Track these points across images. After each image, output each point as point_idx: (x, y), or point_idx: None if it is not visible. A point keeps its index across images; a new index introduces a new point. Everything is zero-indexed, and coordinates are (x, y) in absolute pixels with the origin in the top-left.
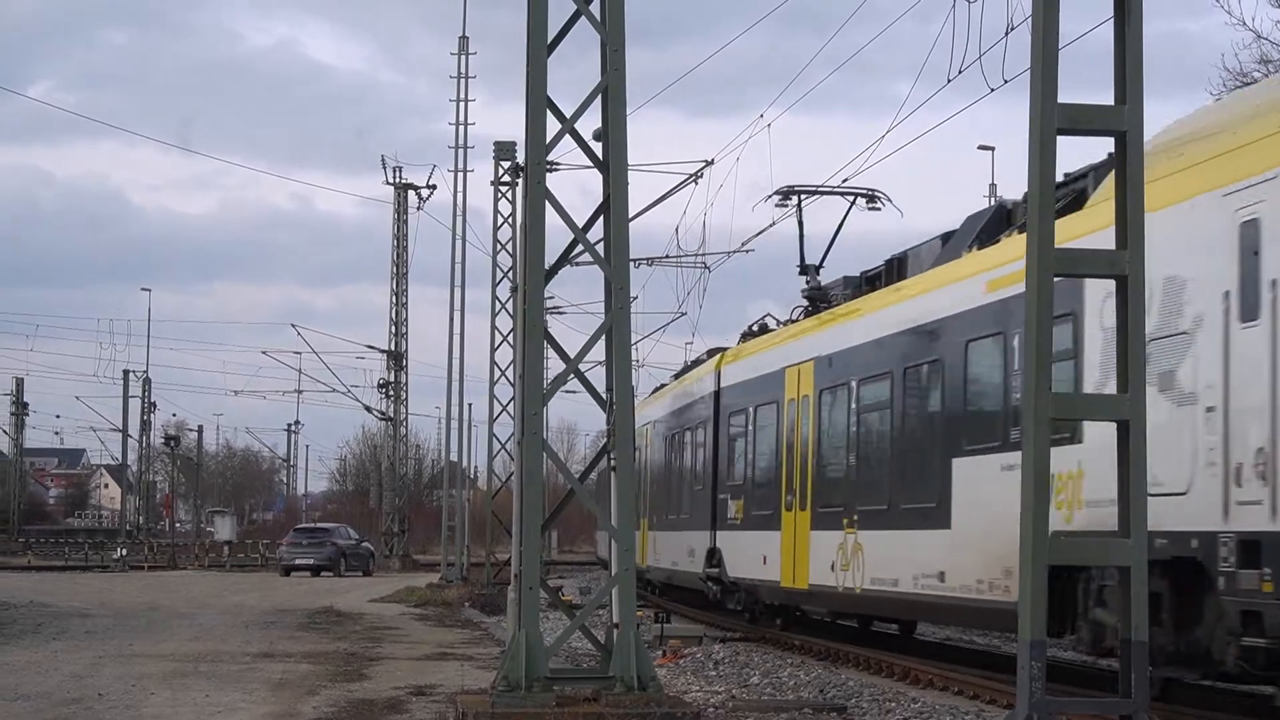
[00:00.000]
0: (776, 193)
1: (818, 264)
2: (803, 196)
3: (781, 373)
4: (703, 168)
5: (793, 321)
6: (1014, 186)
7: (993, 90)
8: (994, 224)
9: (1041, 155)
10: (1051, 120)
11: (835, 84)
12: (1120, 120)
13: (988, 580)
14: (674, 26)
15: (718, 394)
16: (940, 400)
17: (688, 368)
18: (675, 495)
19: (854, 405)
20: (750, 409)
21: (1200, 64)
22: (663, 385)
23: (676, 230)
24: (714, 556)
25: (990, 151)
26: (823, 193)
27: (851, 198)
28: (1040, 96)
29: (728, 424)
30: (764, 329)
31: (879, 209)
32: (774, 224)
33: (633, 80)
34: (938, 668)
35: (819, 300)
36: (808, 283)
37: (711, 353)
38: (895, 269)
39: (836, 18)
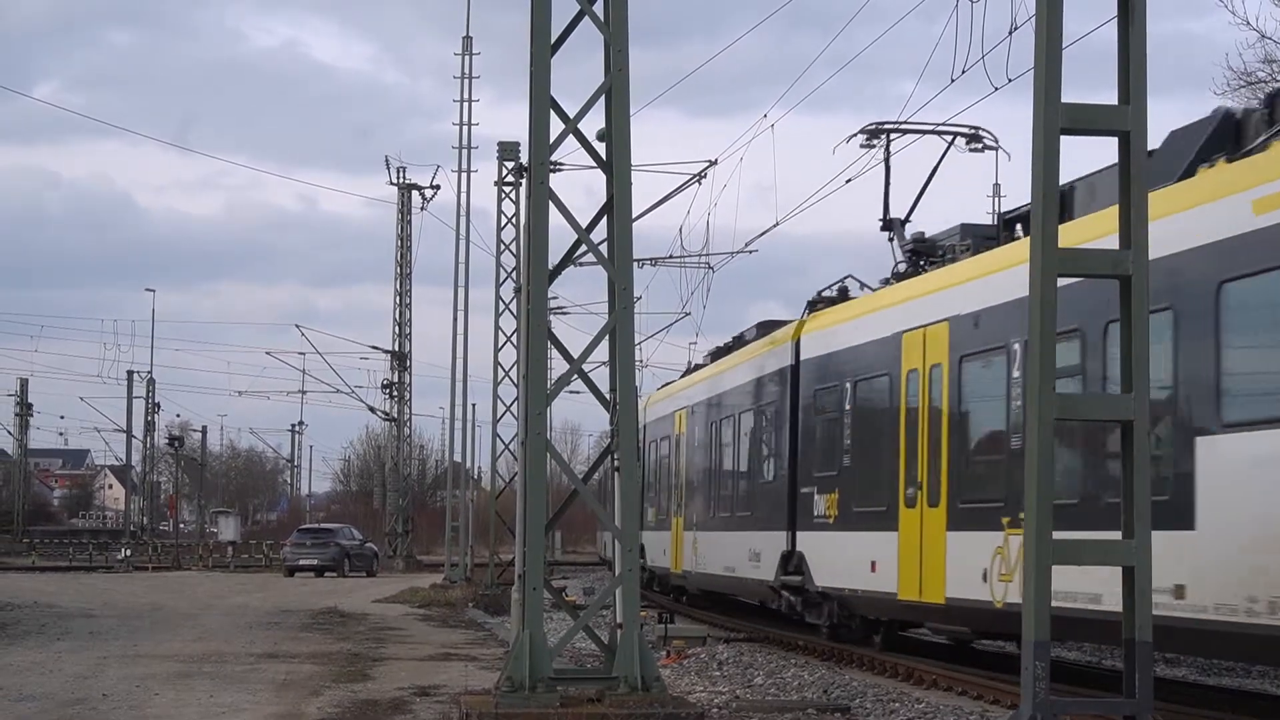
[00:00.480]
0: (861, 132)
1: (904, 218)
2: (892, 136)
3: (897, 338)
4: (706, 168)
5: (890, 282)
6: (1017, 186)
7: (996, 90)
8: (1219, 137)
9: (1045, 155)
10: (1055, 120)
11: (839, 84)
12: (1123, 120)
13: (1265, 599)
14: (680, 26)
15: (795, 369)
16: (1173, 363)
17: (728, 347)
18: (729, 490)
19: (1017, 373)
20: (846, 384)
21: (1204, 64)
22: (698, 366)
23: (680, 230)
24: (791, 561)
25: (995, 151)
26: (916, 131)
27: (950, 138)
28: (1043, 96)
29: (813, 403)
30: (844, 294)
31: (981, 150)
32: (778, 224)
33: (638, 80)
34: (942, 668)
35: (927, 255)
36: (891, 239)
37: (762, 327)
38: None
39: (841, 17)
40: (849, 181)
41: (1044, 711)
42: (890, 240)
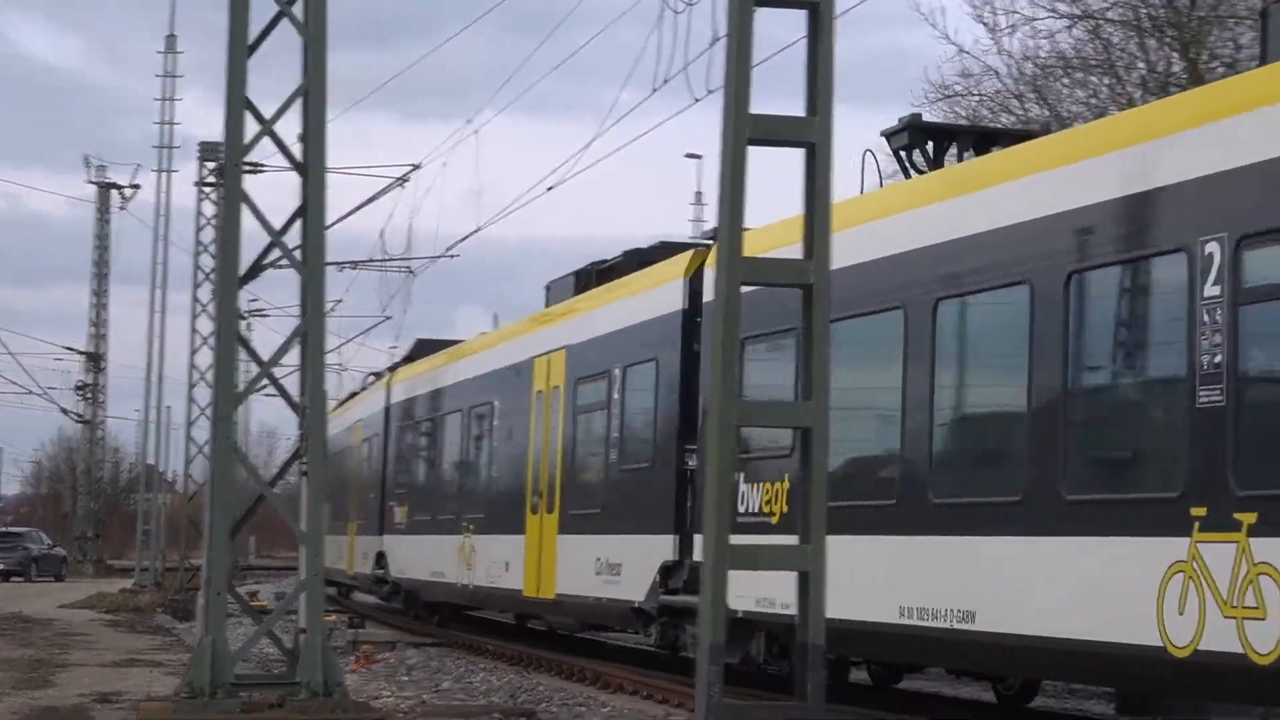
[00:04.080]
0: None
1: None
2: None
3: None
4: (409, 171)
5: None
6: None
7: (697, 100)
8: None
9: (732, 165)
10: (743, 130)
11: (556, 89)
12: (810, 132)
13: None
14: (401, 27)
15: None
16: None
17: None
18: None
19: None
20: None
21: (913, 78)
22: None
23: (381, 234)
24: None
25: (698, 160)
26: None
27: None
28: (733, 107)
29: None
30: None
31: None
32: (479, 229)
33: (354, 81)
34: (629, 672)
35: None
36: None
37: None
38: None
39: (559, 21)
40: (550, 189)
41: (718, 715)
42: None
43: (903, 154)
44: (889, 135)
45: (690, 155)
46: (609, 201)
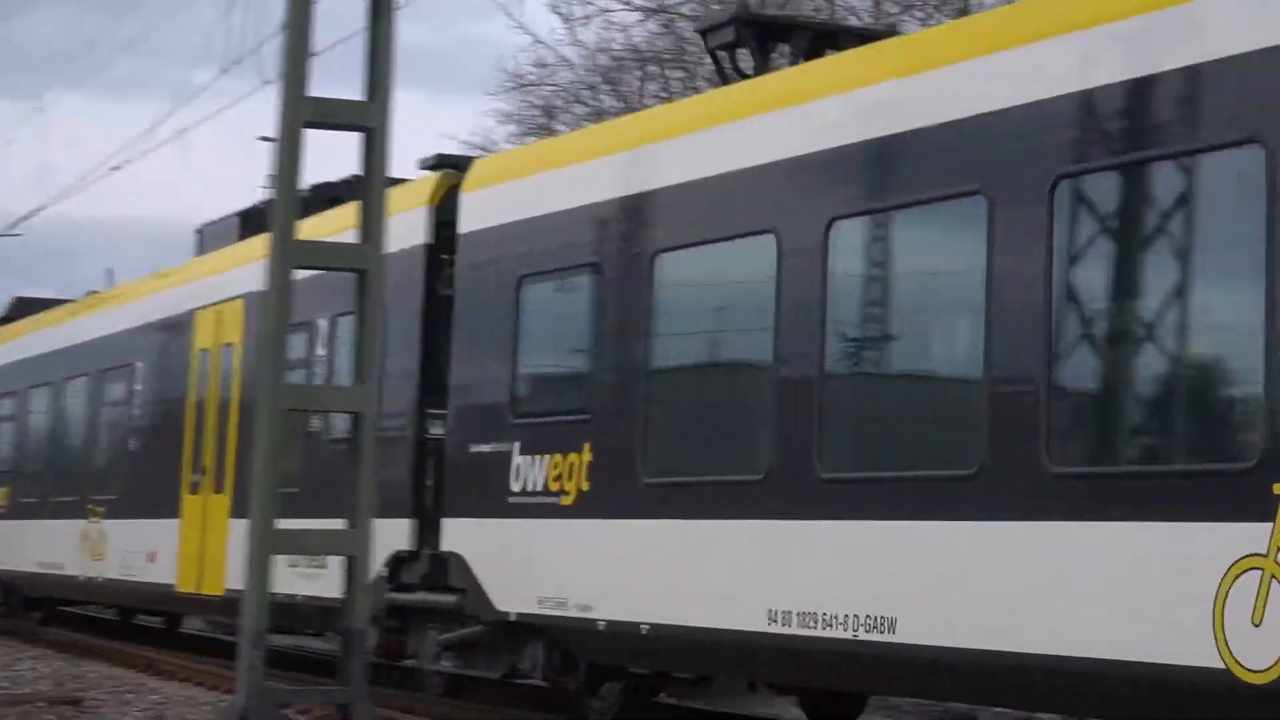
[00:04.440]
0: None
1: None
2: None
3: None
4: None
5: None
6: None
7: (266, 83)
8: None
9: (288, 147)
10: (299, 113)
11: (130, 68)
12: (368, 116)
13: None
14: None
15: None
16: None
17: None
18: None
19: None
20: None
21: (489, 67)
22: None
23: None
24: None
25: (272, 143)
26: None
27: None
28: (290, 89)
29: None
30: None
31: None
32: (42, 208)
33: None
34: (182, 659)
35: None
36: None
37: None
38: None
39: (133, 2)
40: (115, 169)
41: (259, 699)
42: None
43: (723, 55)
44: (706, 32)
45: (263, 138)
46: (181, 182)
